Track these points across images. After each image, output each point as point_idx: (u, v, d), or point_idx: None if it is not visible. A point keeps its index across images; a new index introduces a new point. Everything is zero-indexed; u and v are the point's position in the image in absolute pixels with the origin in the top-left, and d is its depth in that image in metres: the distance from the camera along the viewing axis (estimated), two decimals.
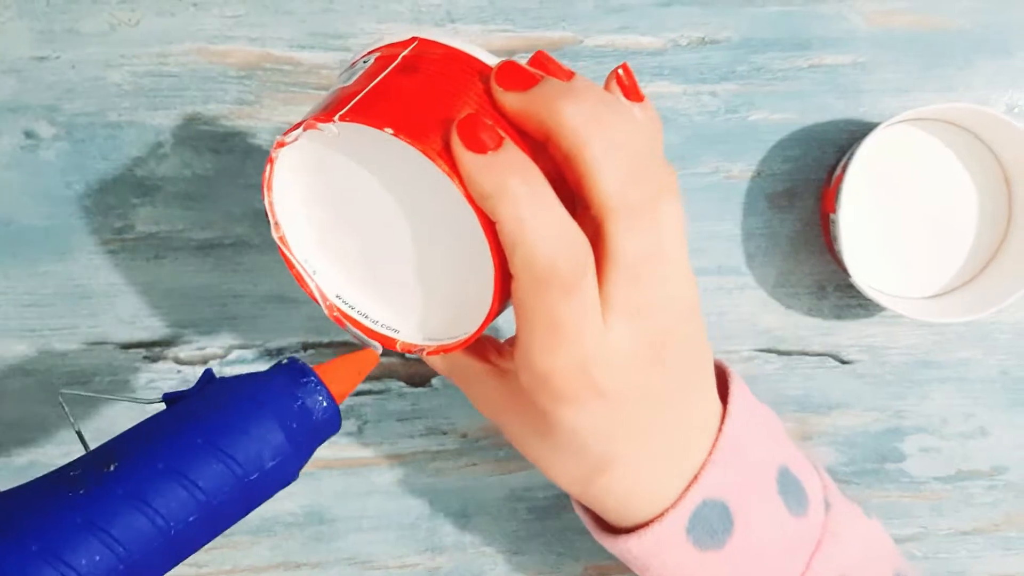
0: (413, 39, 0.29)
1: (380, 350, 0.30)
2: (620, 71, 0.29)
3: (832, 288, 0.46)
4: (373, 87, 0.28)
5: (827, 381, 0.46)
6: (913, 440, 0.47)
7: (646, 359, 0.29)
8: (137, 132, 0.45)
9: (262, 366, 0.46)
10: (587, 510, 0.36)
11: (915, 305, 0.43)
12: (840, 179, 0.41)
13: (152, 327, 0.46)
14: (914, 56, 0.44)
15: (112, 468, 0.25)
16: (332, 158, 0.30)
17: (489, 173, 0.25)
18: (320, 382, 0.28)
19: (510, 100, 0.27)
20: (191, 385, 0.29)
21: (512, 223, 0.25)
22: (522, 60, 0.29)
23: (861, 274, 0.42)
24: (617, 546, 0.33)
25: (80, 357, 0.46)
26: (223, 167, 0.45)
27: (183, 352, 0.46)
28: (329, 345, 0.46)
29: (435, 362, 0.34)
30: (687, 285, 0.30)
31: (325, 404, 0.28)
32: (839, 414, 0.47)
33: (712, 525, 0.32)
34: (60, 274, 0.45)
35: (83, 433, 0.29)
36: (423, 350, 0.31)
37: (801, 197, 0.45)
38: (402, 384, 0.46)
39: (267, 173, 0.30)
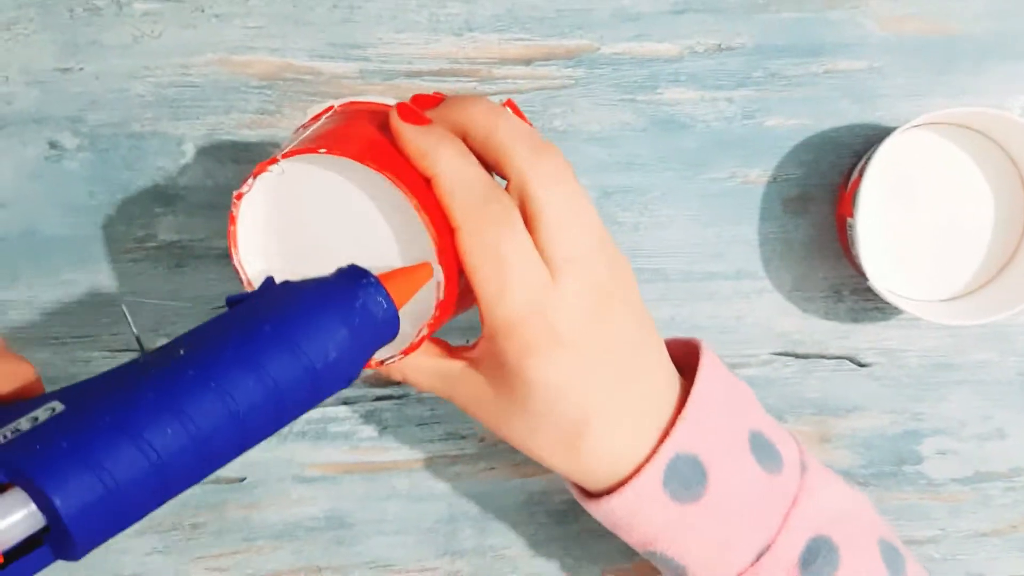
0: (331, 106, 0.35)
1: (431, 270, 0.31)
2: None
3: (848, 291, 0.46)
4: (304, 136, 0.33)
5: (845, 384, 0.47)
6: (931, 442, 0.47)
7: (592, 307, 0.32)
8: (160, 142, 0.45)
9: None
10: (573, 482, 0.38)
11: (932, 308, 0.43)
12: (857, 183, 0.41)
13: (174, 335, 0.46)
14: (927, 61, 0.45)
15: (182, 353, 0.25)
16: (281, 205, 0.33)
17: (425, 137, 0.31)
18: (379, 284, 0.29)
19: (431, 114, 0.33)
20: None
21: (449, 172, 0.31)
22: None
23: (879, 277, 0.42)
24: (602, 509, 0.35)
25: (103, 365, 0.46)
26: (245, 176, 0.45)
27: None
28: None
29: (418, 379, 0.36)
30: (608, 241, 0.33)
31: (385, 305, 0.29)
32: (857, 417, 0.47)
33: (686, 477, 0.33)
34: (83, 283, 0.45)
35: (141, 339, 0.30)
36: (394, 359, 0.33)
37: (816, 201, 0.46)
38: None
39: (232, 231, 0.33)
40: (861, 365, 0.47)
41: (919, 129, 0.44)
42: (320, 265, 0.33)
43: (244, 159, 0.45)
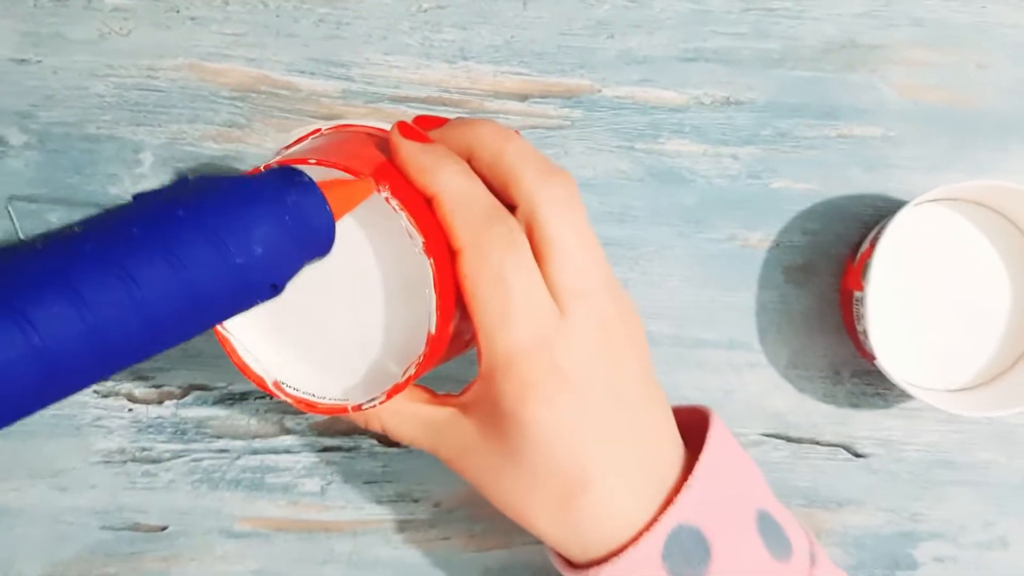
0: (317, 128, 0.32)
1: (373, 185, 0.28)
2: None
3: (848, 373, 0.43)
4: (290, 152, 0.29)
5: (839, 475, 0.43)
6: (928, 547, 0.43)
7: (600, 348, 0.29)
8: (116, 147, 0.42)
9: (222, 411, 0.42)
10: (557, 552, 0.34)
11: (941, 397, 0.40)
12: (867, 256, 0.38)
13: None
14: (946, 133, 0.42)
15: (76, 230, 0.21)
16: None
17: (427, 154, 0.29)
18: (315, 185, 0.25)
19: (435, 134, 0.31)
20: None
21: (451, 189, 0.28)
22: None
23: (886, 358, 0.38)
24: None
25: None
26: None
27: (138, 389, 0.42)
28: None
29: (398, 427, 0.32)
30: (614, 279, 0.31)
31: (320, 208, 0.25)
32: (850, 512, 0.43)
33: (688, 552, 0.30)
34: None
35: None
36: (376, 400, 0.29)
37: (819, 273, 0.42)
38: (374, 442, 0.42)
39: None
40: (857, 455, 0.43)
41: (935, 204, 0.41)
42: (304, 296, 0.29)
43: (205, 172, 0.42)
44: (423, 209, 0.28)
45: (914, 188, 0.42)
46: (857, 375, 0.43)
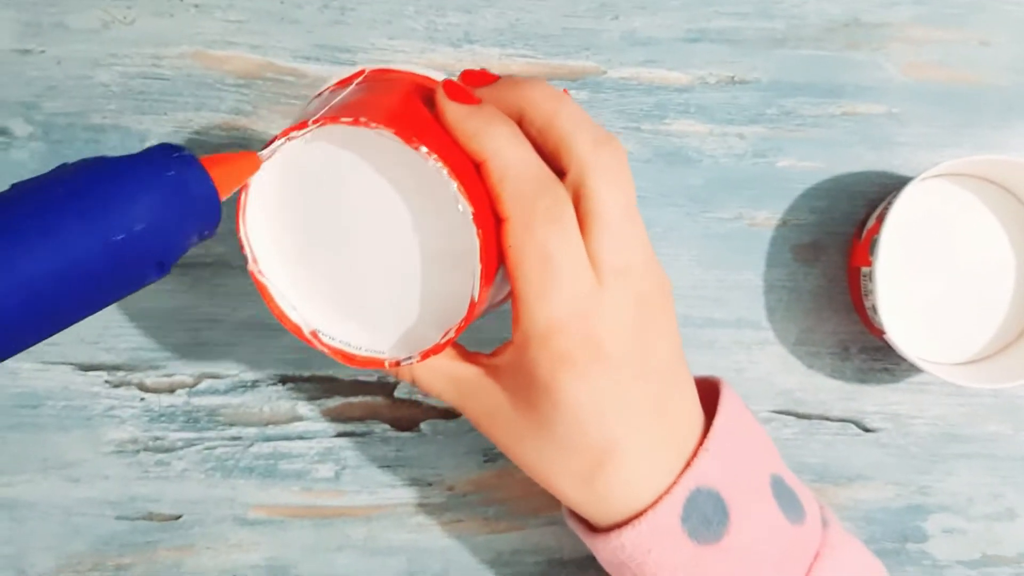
0: (362, 70, 0.31)
1: (264, 158, 0.28)
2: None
3: (856, 349, 0.43)
4: (335, 103, 0.29)
5: (848, 450, 0.43)
6: (937, 519, 0.43)
7: (636, 324, 0.29)
8: (120, 137, 0.42)
9: (235, 399, 0.42)
10: (577, 517, 0.34)
11: (949, 370, 0.40)
12: (874, 231, 0.38)
13: (117, 349, 0.42)
14: (950, 110, 0.43)
15: None
16: (297, 181, 0.29)
17: (474, 118, 0.28)
18: (196, 159, 0.25)
19: (483, 93, 0.30)
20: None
21: (502, 156, 0.28)
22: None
23: (895, 331, 0.39)
24: (611, 544, 0.31)
25: (33, 378, 0.41)
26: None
27: (149, 378, 0.42)
28: (310, 379, 0.42)
29: (429, 381, 0.32)
30: (653, 256, 0.31)
31: (201, 180, 0.25)
32: (859, 486, 0.43)
33: (707, 515, 0.30)
34: None
35: None
36: (412, 359, 0.29)
37: (827, 251, 0.43)
38: (387, 427, 0.42)
39: (242, 200, 0.29)
40: (866, 430, 0.43)
41: (940, 180, 0.41)
42: (341, 248, 0.29)
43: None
44: (470, 174, 0.28)
45: (919, 165, 0.43)
46: (865, 351, 0.43)
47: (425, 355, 0.29)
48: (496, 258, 0.28)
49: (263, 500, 0.42)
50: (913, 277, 0.41)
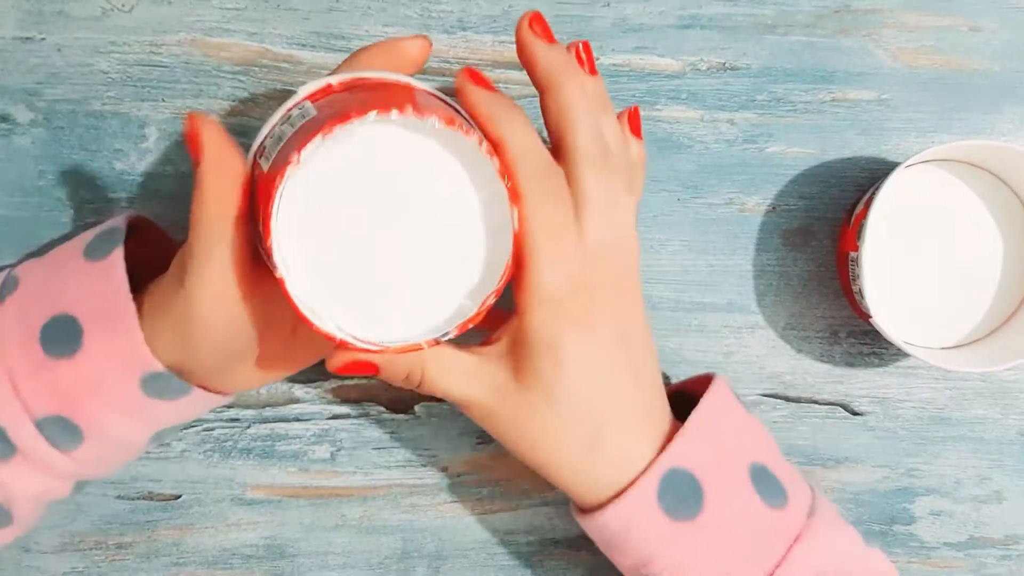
0: (329, 84, 0.32)
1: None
2: (580, 47, 0.35)
3: (845, 334, 0.43)
4: (352, 101, 0.30)
5: (836, 432, 0.44)
6: (924, 502, 0.44)
7: (618, 294, 0.33)
8: (120, 123, 0.42)
9: None
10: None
11: (935, 354, 0.40)
12: (862, 216, 0.39)
13: None
14: (940, 96, 0.43)
15: None
16: (318, 183, 0.29)
17: (495, 102, 0.32)
18: None
19: (534, 46, 0.34)
20: None
21: (516, 142, 0.31)
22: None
23: (882, 315, 0.39)
24: (596, 522, 0.34)
25: None
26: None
27: None
28: None
29: (440, 379, 0.33)
30: (633, 251, 0.34)
31: None
32: (847, 469, 0.44)
33: (681, 493, 0.33)
34: None
35: None
36: (450, 332, 0.31)
37: (817, 236, 0.43)
38: (382, 409, 0.43)
39: (272, 211, 0.29)
40: (855, 413, 0.44)
41: (929, 165, 0.41)
42: (364, 246, 0.30)
43: None
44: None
45: (909, 151, 0.43)
46: (853, 335, 0.43)
47: (463, 327, 0.31)
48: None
49: (261, 480, 0.43)
50: (900, 262, 0.42)
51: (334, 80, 0.32)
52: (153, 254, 0.38)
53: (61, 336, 0.34)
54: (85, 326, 0.33)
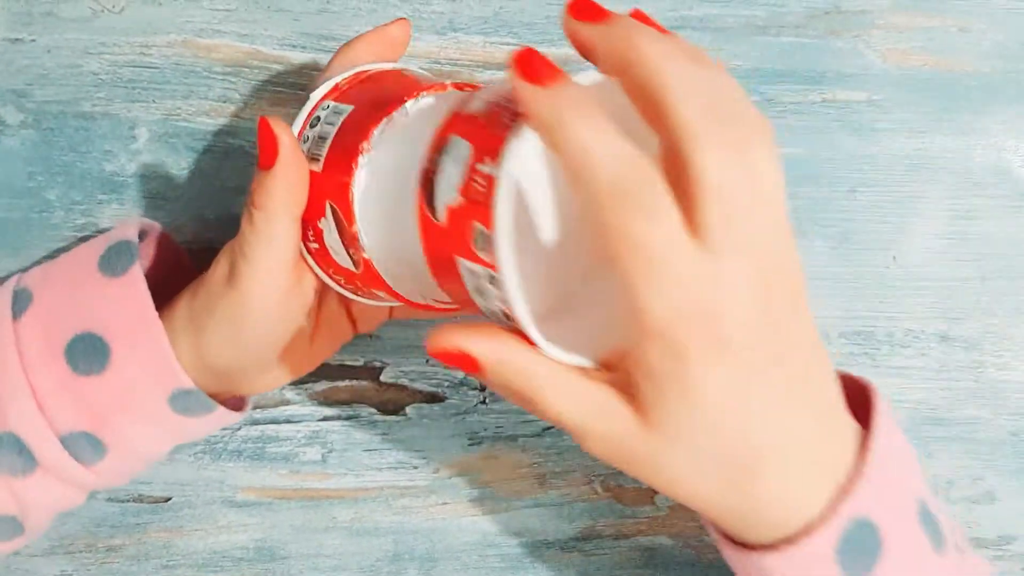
0: (336, 86, 0.34)
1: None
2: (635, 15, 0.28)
3: (837, 335, 0.43)
4: (372, 92, 0.32)
5: None
6: None
7: (761, 304, 0.25)
8: (111, 125, 0.42)
9: None
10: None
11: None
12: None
13: None
14: (930, 97, 0.43)
15: None
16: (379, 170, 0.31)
17: (545, 104, 0.25)
18: None
19: (586, 31, 0.26)
20: None
21: (572, 153, 0.24)
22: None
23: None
24: (755, 564, 0.29)
25: None
26: (199, 167, 0.42)
27: None
28: None
29: (558, 403, 0.28)
30: (788, 236, 0.27)
31: None
32: None
33: (862, 548, 0.28)
34: (13, 270, 0.42)
35: None
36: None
37: (807, 237, 0.43)
38: (373, 411, 0.43)
39: (351, 195, 0.31)
40: None
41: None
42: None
43: (200, 148, 0.42)
44: None
45: (900, 151, 0.43)
46: (845, 336, 0.43)
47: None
48: None
49: (251, 482, 0.43)
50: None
51: (340, 79, 0.34)
52: (158, 257, 0.39)
53: (88, 354, 0.34)
54: (112, 344, 0.34)
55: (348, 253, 0.32)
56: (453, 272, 0.28)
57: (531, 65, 0.25)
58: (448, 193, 0.27)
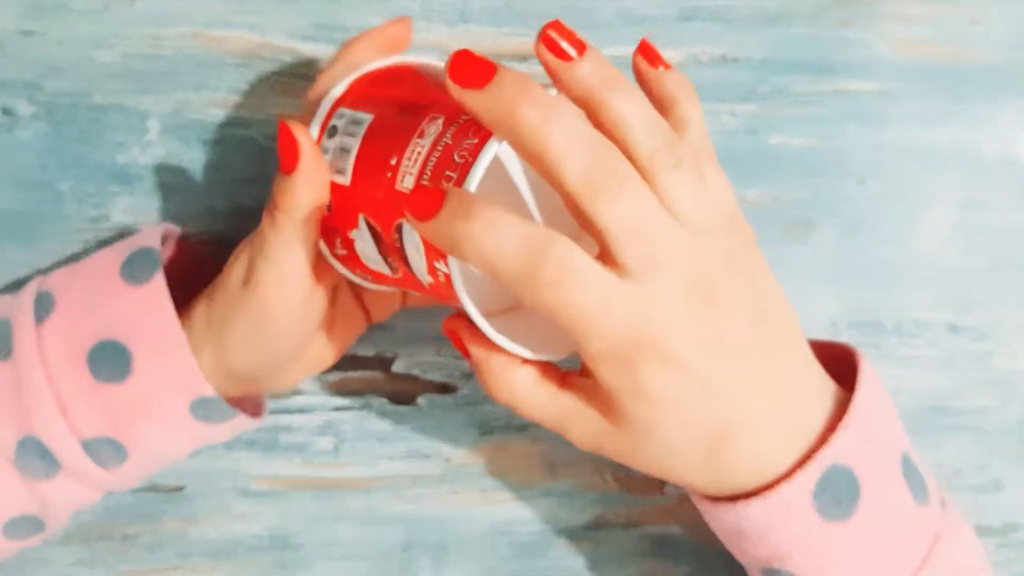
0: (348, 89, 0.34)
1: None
2: (551, 32, 0.29)
3: (845, 325, 0.44)
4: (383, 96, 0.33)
5: None
6: None
7: (696, 303, 0.28)
8: (122, 116, 0.42)
9: None
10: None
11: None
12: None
13: None
14: (940, 88, 0.43)
15: None
16: None
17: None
18: None
19: (469, 101, 0.27)
20: None
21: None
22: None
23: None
24: (734, 514, 0.31)
25: None
26: (211, 159, 0.42)
27: None
28: None
29: (529, 409, 0.32)
30: (735, 210, 0.30)
31: None
32: None
33: (839, 492, 0.30)
34: (27, 263, 0.42)
35: None
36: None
37: (817, 228, 0.43)
38: (384, 401, 0.43)
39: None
40: None
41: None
42: None
43: (211, 139, 0.42)
44: None
45: (910, 142, 0.43)
46: (854, 326, 0.44)
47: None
48: None
49: (265, 472, 0.43)
50: None
51: (352, 80, 0.34)
52: (179, 260, 0.39)
53: (110, 361, 0.35)
54: (134, 352, 0.35)
55: (387, 262, 0.32)
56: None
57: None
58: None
